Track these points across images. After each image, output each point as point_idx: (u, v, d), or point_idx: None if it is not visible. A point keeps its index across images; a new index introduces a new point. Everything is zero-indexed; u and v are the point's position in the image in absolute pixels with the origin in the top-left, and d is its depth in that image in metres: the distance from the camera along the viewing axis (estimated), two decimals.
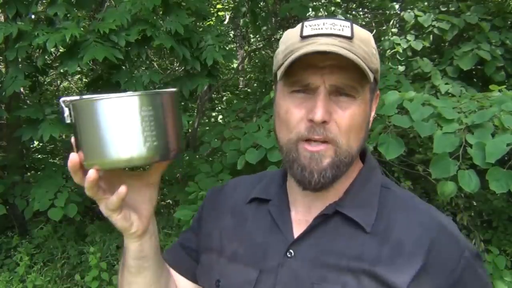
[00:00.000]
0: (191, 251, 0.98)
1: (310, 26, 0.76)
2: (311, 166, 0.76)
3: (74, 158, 0.69)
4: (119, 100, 0.66)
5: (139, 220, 0.79)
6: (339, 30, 0.75)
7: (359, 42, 0.76)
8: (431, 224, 0.79)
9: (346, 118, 0.75)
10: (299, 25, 0.78)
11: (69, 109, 0.70)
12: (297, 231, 0.83)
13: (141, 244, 0.82)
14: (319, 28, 0.75)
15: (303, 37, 0.76)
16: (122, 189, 0.70)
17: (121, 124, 0.66)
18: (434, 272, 0.75)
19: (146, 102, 0.67)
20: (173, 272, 0.97)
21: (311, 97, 0.76)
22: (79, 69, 2.93)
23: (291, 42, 0.78)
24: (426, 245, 0.76)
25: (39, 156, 5.09)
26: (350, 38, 0.75)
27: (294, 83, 0.77)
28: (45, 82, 5.45)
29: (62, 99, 0.71)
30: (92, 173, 0.68)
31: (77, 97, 0.70)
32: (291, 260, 0.80)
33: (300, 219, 0.85)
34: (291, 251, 0.80)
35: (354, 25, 0.78)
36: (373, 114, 0.85)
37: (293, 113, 0.77)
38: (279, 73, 0.76)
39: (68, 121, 0.71)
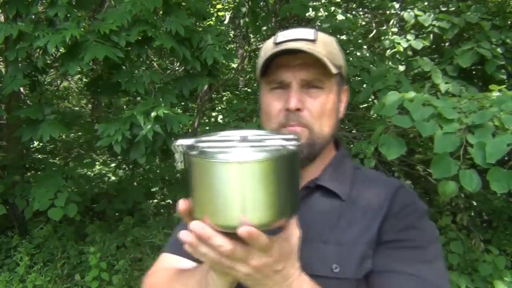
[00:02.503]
0: None
1: (282, 35, 0.95)
2: None
3: (182, 205, 0.69)
4: (253, 165, 0.60)
5: None
6: (305, 35, 0.93)
7: (322, 44, 0.94)
8: (394, 184, 0.98)
9: (317, 105, 0.93)
10: (275, 36, 0.97)
11: (183, 156, 0.67)
12: None
13: None
14: (288, 35, 0.94)
15: (276, 44, 0.95)
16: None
17: (249, 188, 0.61)
18: (391, 211, 0.92)
19: (278, 166, 0.61)
20: (175, 260, 1.02)
21: (286, 91, 0.93)
22: (79, 69, 2.92)
23: (267, 49, 0.96)
24: (389, 197, 0.94)
25: (39, 156, 5.08)
26: (313, 41, 0.93)
27: (272, 81, 0.95)
28: (45, 82, 5.45)
29: (178, 142, 0.68)
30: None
31: (194, 146, 0.66)
32: None
33: None
34: None
35: (319, 32, 0.96)
36: (343, 105, 1.03)
37: (274, 106, 0.95)
38: (259, 74, 0.96)
39: (180, 167, 0.68)
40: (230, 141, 0.70)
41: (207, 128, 4.55)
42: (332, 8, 4.69)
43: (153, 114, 2.78)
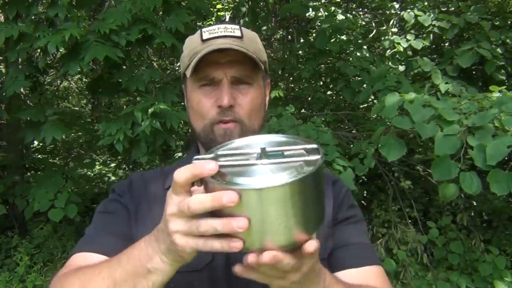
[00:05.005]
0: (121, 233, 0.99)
1: (208, 31, 0.95)
2: (224, 141, 0.90)
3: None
4: (275, 190, 0.58)
5: None
6: (231, 32, 0.94)
7: (248, 40, 0.95)
8: (329, 177, 1.10)
9: (247, 101, 0.95)
10: (198, 32, 0.97)
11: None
12: None
13: None
14: (215, 32, 0.94)
15: (203, 41, 0.94)
16: None
17: (273, 213, 0.59)
18: (336, 197, 1.05)
19: (300, 188, 0.60)
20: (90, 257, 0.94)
21: (217, 88, 0.94)
22: (79, 69, 2.92)
23: (193, 46, 0.95)
24: (330, 183, 1.06)
25: (39, 156, 5.08)
26: (240, 38, 0.94)
27: (202, 78, 0.95)
28: (45, 82, 5.44)
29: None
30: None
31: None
32: None
33: None
34: None
35: (242, 28, 0.98)
36: (267, 98, 1.08)
37: (204, 103, 0.95)
38: (188, 72, 0.93)
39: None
40: (249, 154, 0.68)
41: None
42: (332, 8, 4.68)
43: (150, 110, 2.79)
